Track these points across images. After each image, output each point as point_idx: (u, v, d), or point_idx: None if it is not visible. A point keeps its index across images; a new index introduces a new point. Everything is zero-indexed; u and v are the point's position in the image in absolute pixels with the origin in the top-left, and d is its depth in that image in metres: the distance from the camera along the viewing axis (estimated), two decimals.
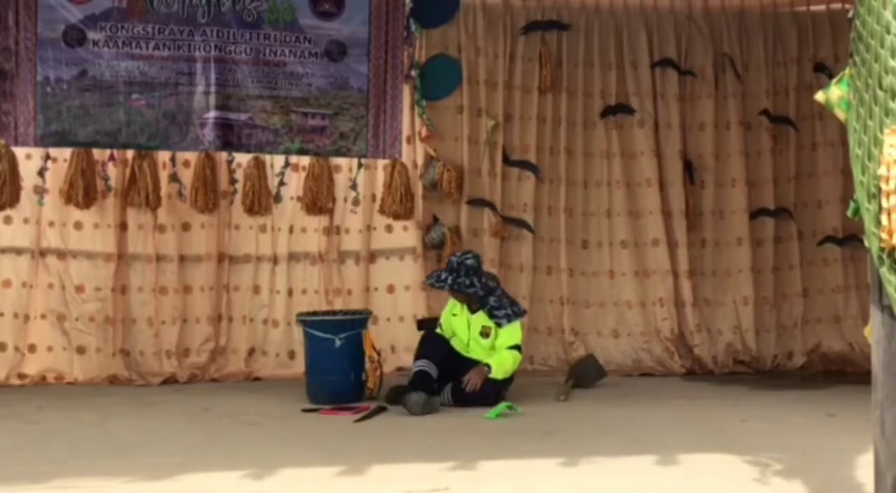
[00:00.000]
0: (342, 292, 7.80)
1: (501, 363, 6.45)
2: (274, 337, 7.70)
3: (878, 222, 3.06)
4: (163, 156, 7.54)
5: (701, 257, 8.32)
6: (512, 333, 6.57)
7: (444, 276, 6.63)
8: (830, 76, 7.23)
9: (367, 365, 6.67)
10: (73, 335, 7.39)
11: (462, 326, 6.66)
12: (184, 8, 7.33)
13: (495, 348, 6.53)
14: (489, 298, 6.60)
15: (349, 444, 5.29)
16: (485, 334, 6.58)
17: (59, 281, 7.42)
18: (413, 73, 7.75)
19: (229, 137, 7.45)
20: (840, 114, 3.34)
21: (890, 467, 3.17)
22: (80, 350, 7.39)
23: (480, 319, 6.60)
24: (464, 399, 6.35)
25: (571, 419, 6.00)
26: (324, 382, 6.58)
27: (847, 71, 3.29)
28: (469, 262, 6.63)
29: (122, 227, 7.52)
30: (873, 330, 3.26)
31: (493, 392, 6.39)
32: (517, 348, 6.57)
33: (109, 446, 5.20)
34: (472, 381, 6.34)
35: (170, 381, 7.41)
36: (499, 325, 6.55)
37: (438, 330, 6.73)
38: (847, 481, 4.42)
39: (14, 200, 7.26)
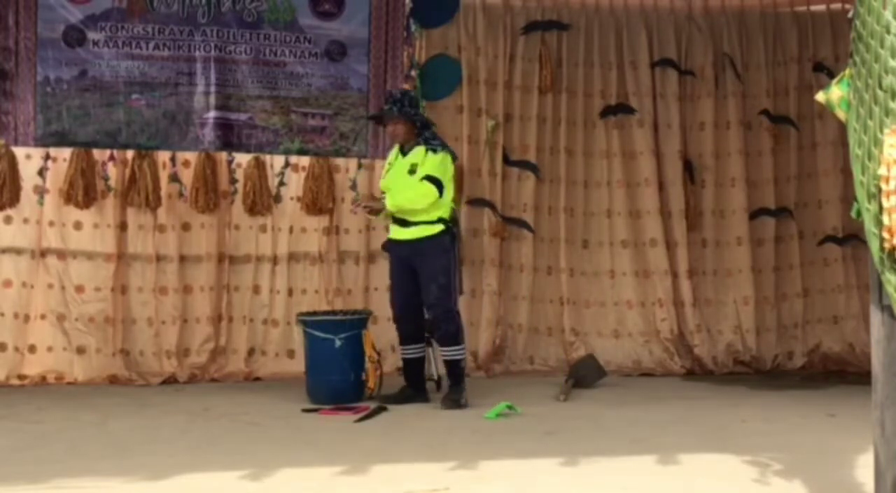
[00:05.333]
0: (342, 292, 7.79)
1: (415, 195, 6.36)
2: (274, 337, 7.70)
3: (879, 222, 3.06)
4: (163, 156, 7.54)
5: (701, 256, 8.32)
6: (434, 162, 6.40)
7: (388, 106, 6.59)
8: (830, 76, 7.23)
9: (367, 365, 6.67)
10: (73, 336, 7.39)
11: (396, 174, 6.52)
12: (184, 8, 7.33)
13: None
14: (425, 130, 6.56)
15: (349, 444, 5.29)
16: (412, 171, 6.43)
17: (59, 281, 7.41)
18: (413, 73, 7.75)
19: (229, 137, 7.46)
20: (841, 114, 3.34)
21: (890, 467, 3.17)
22: (80, 350, 7.38)
23: (410, 158, 6.48)
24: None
25: (571, 418, 5.99)
26: (324, 382, 6.58)
27: (847, 71, 3.29)
28: (412, 93, 6.83)
29: (122, 227, 7.52)
30: (873, 330, 3.26)
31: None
32: (434, 180, 6.37)
33: (109, 446, 5.20)
34: (365, 202, 6.64)
35: (170, 381, 7.40)
36: (434, 151, 6.44)
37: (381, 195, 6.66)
38: (847, 481, 4.42)
39: (14, 200, 7.27)
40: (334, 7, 7.57)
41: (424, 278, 6.43)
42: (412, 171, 6.43)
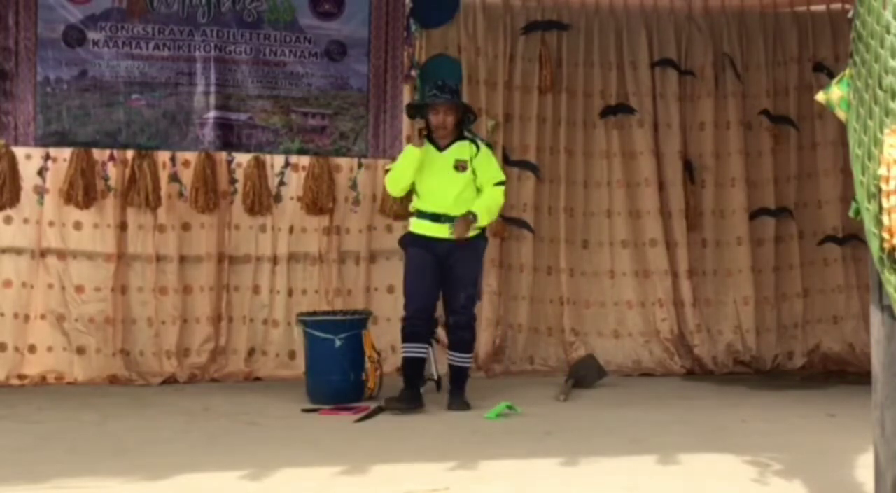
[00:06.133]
0: (342, 292, 7.79)
1: (488, 207, 6.29)
2: (274, 337, 7.70)
3: (879, 222, 3.06)
4: (163, 156, 7.54)
5: (701, 256, 8.33)
6: (493, 162, 6.41)
7: (446, 95, 6.33)
8: (830, 76, 7.23)
9: (367, 365, 6.67)
10: (73, 336, 7.39)
11: (432, 169, 6.30)
12: (184, 8, 7.33)
13: (478, 184, 6.27)
14: (467, 126, 6.46)
15: (349, 444, 5.29)
16: (461, 167, 6.26)
17: (59, 281, 7.41)
18: (413, 73, 7.75)
19: (229, 137, 7.46)
20: (841, 114, 3.34)
21: (890, 467, 3.17)
22: (80, 350, 7.38)
23: (454, 153, 6.32)
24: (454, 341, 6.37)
25: (571, 418, 6.00)
26: (324, 382, 6.58)
27: (847, 71, 3.29)
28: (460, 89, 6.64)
29: (122, 227, 7.52)
30: (873, 330, 3.26)
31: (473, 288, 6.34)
32: (503, 183, 6.39)
33: (109, 446, 5.20)
34: (457, 230, 6.19)
35: (170, 381, 7.40)
36: (488, 146, 6.42)
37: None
38: (847, 481, 4.42)
39: (14, 200, 7.26)
40: (334, 7, 7.57)
41: (455, 284, 6.29)
42: (459, 167, 6.27)
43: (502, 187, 6.39)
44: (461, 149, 6.34)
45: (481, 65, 8.03)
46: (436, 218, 6.31)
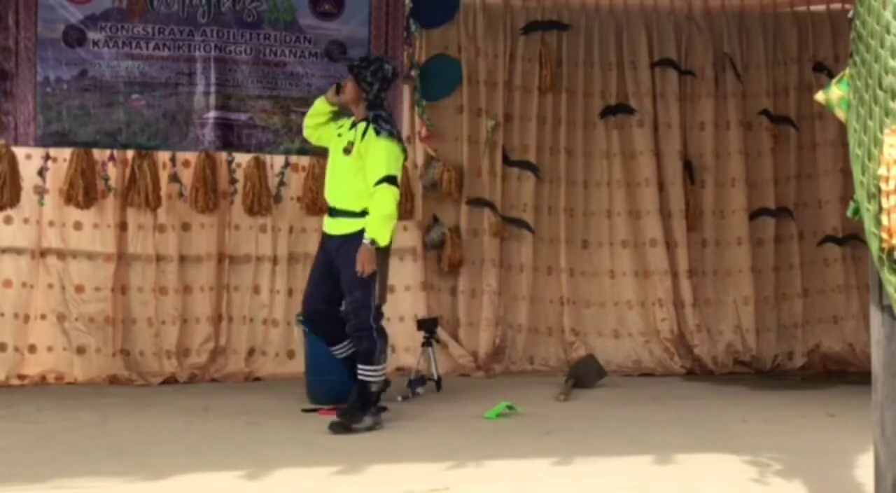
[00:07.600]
0: None
1: (381, 219, 5.59)
2: (274, 337, 7.69)
3: (878, 222, 3.06)
4: (163, 156, 7.53)
5: (701, 256, 8.33)
6: (380, 157, 5.58)
7: (363, 63, 5.88)
8: (830, 76, 7.23)
9: None
10: (73, 336, 7.38)
11: (339, 145, 5.87)
12: (184, 8, 7.33)
13: (365, 178, 5.63)
14: (376, 110, 5.77)
15: (348, 444, 5.29)
16: (347, 149, 5.72)
17: (59, 281, 7.41)
18: (413, 73, 7.75)
19: (229, 137, 7.45)
20: (840, 114, 3.34)
21: (890, 467, 3.17)
22: (80, 350, 7.37)
23: (351, 134, 5.79)
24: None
25: (571, 419, 6.00)
26: (324, 382, 6.57)
27: (847, 71, 3.30)
28: (386, 67, 5.82)
29: (122, 227, 7.51)
30: (873, 330, 3.26)
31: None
32: (389, 179, 5.58)
33: (109, 446, 5.20)
34: (364, 267, 5.56)
35: (170, 381, 7.39)
36: (377, 133, 5.64)
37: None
38: (847, 481, 4.42)
39: (14, 200, 7.25)
40: (334, 7, 7.57)
41: (343, 287, 5.78)
42: (346, 149, 5.76)
43: (385, 185, 5.58)
44: (356, 131, 5.80)
45: (481, 65, 8.03)
46: (331, 212, 5.92)
